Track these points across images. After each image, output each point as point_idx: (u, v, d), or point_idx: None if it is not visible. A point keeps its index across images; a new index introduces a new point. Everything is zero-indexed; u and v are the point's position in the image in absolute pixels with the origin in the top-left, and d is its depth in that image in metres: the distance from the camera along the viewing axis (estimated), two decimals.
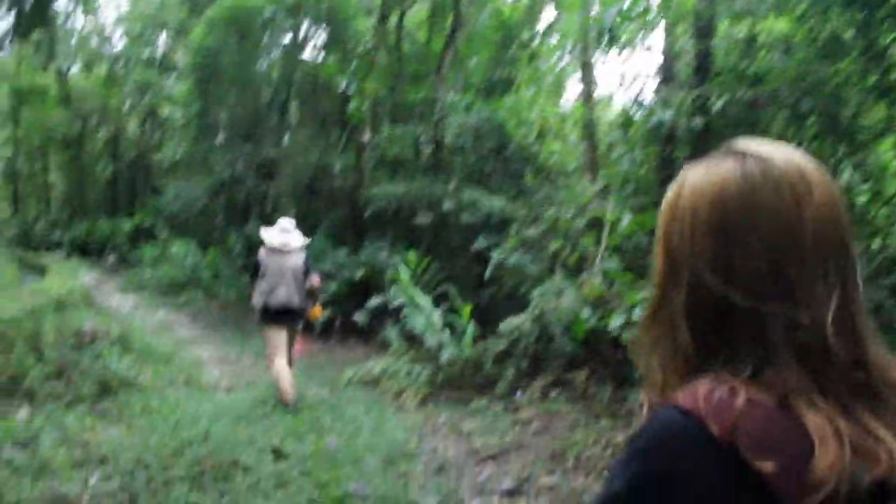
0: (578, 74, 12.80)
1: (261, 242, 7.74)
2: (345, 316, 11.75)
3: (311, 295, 7.68)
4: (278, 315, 7.48)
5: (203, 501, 4.85)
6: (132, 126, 25.63)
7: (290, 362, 7.79)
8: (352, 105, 12.09)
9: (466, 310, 8.62)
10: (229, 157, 15.21)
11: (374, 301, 11.13)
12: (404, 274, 8.96)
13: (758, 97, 6.16)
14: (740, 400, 0.85)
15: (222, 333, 12.22)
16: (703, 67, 7.16)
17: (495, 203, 10.58)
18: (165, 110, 21.06)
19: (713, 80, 6.90)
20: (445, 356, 8.26)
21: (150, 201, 21.09)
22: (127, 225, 21.34)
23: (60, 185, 28.81)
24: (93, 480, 5.26)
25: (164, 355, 9.36)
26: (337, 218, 14.80)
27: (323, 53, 15.66)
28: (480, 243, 10.43)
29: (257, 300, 7.49)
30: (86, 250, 21.94)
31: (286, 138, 15.32)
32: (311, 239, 8.20)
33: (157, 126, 22.90)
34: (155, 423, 6.66)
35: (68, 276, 11.88)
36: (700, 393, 0.87)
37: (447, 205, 10.83)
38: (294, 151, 14.74)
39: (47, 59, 16.11)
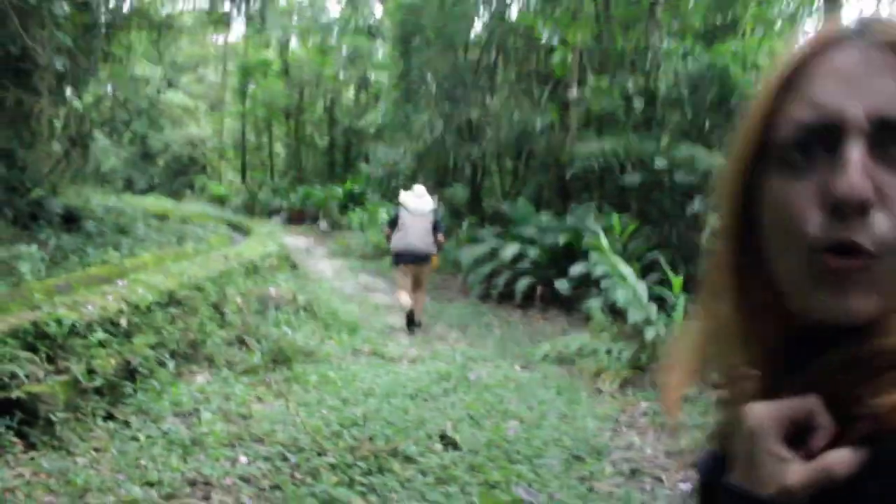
0: (817, 9, 11.06)
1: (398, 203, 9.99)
2: (546, 284, 10.86)
3: (438, 247, 9.97)
4: (405, 257, 9.59)
5: (346, 499, 4.19)
6: (347, 94, 26.11)
7: (419, 297, 9.77)
8: (555, 57, 11.08)
9: (678, 282, 7.42)
10: (431, 119, 14.72)
11: (577, 269, 10.14)
12: (604, 240, 7.90)
13: None
14: None
15: None
16: None
17: (715, 160, 9.19)
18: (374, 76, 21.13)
19: None
20: (651, 334, 7.17)
21: (362, 167, 21.25)
22: (339, 191, 21.67)
23: (282, 155, 30.06)
24: (242, 461, 4.79)
25: (351, 323, 8.97)
26: (541, 180, 13.92)
27: (529, 8, 14.74)
28: (697, 206, 9.13)
29: (393, 247, 9.70)
30: (302, 216, 22.58)
31: (489, 98, 14.56)
32: (440, 203, 10.82)
33: (368, 92, 23.04)
34: (323, 398, 6.17)
35: (268, 241, 11.86)
36: None
37: (659, 163, 9.60)
38: (497, 111, 13.97)
39: (260, 29, 16.43)
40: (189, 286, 7.42)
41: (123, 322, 5.94)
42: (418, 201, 9.71)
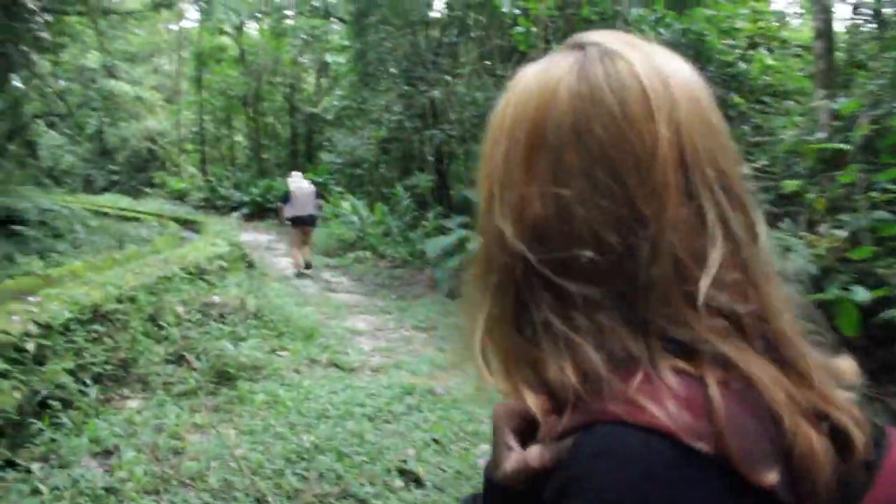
0: None
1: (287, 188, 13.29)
2: None
3: (319, 208, 13.54)
4: (301, 221, 12.79)
5: None
6: (307, 79, 25.11)
7: (309, 251, 13.11)
8: (518, 30, 10.30)
9: None
10: (390, 104, 13.85)
11: None
12: None
13: None
14: (714, 390, 0.61)
15: (385, 298, 11.00)
16: None
17: None
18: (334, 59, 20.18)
19: None
20: None
21: (324, 157, 20.33)
22: None
23: (244, 146, 28.99)
24: None
25: (307, 329, 8.17)
26: None
27: None
28: None
29: (289, 215, 12.88)
30: (265, 210, 21.62)
31: (452, 79, 13.72)
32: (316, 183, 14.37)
33: (328, 77, 22.05)
34: (269, 424, 5.41)
35: (218, 240, 11.01)
36: (651, 390, 0.62)
37: None
38: (459, 92, 13.15)
39: (206, 11, 15.50)
40: (119, 297, 6.61)
41: (31, 346, 5.14)
42: (301, 181, 13.16)
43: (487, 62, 13.70)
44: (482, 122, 8.89)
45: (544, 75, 0.73)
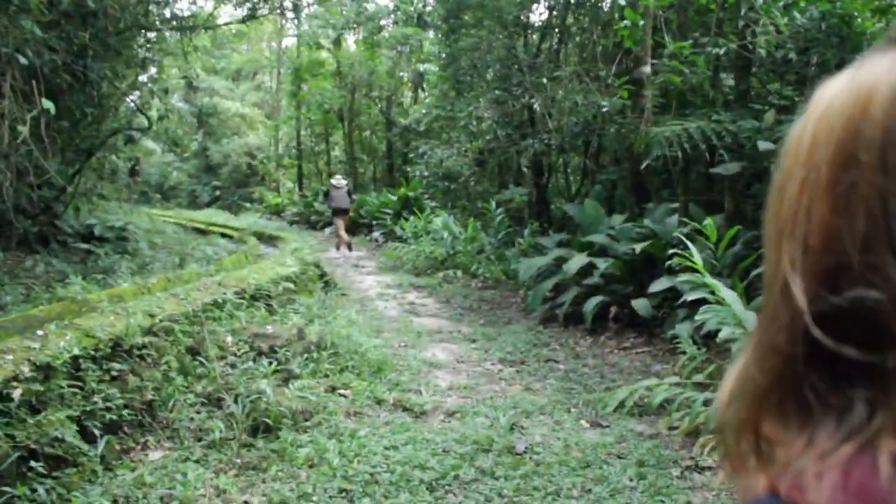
0: None
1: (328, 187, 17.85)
2: (622, 303, 8.84)
3: (352, 201, 17.65)
4: (338, 211, 17.01)
5: None
6: (404, 92, 24.41)
7: (349, 238, 17.36)
8: (624, 23, 9.06)
9: None
10: (477, 111, 12.78)
11: (660, 284, 8.10)
12: (696, 256, 5.85)
13: None
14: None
15: (472, 324, 9.86)
16: None
17: None
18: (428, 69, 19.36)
19: None
20: None
21: (414, 169, 19.56)
22: (393, 198, 19.97)
23: (341, 161, 28.56)
24: None
25: (376, 362, 7.12)
26: (612, 176, 11.88)
27: None
28: None
29: (329, 208, 17.70)
30: (358, 225, 20.93)
31: (551, 84, 12.55)
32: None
33: (424, 89, 21.24)
34: (306, 491, 4.38)
35: (290, 259, 10.15)
36: (832, 467, 0.50)
37: (763, 145, 7.49)
38: (558, 99, 11.97)
39: (293, 19, 14.94)
40: (150, 328, 5.74)
41: (17, 394, 4.26)
42: (339, 181, 17.18)
43: (588, 64, 12.47)
44: (584, 129, 7.54)
45: (854, 82, 0.54)
